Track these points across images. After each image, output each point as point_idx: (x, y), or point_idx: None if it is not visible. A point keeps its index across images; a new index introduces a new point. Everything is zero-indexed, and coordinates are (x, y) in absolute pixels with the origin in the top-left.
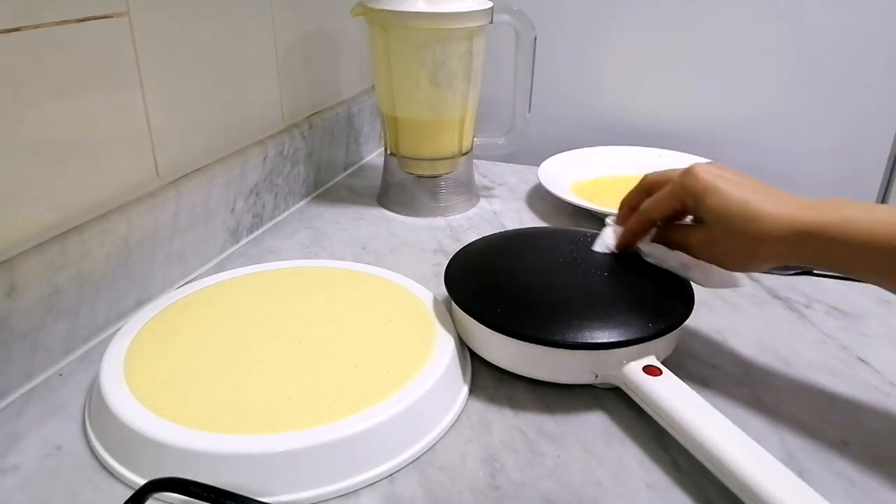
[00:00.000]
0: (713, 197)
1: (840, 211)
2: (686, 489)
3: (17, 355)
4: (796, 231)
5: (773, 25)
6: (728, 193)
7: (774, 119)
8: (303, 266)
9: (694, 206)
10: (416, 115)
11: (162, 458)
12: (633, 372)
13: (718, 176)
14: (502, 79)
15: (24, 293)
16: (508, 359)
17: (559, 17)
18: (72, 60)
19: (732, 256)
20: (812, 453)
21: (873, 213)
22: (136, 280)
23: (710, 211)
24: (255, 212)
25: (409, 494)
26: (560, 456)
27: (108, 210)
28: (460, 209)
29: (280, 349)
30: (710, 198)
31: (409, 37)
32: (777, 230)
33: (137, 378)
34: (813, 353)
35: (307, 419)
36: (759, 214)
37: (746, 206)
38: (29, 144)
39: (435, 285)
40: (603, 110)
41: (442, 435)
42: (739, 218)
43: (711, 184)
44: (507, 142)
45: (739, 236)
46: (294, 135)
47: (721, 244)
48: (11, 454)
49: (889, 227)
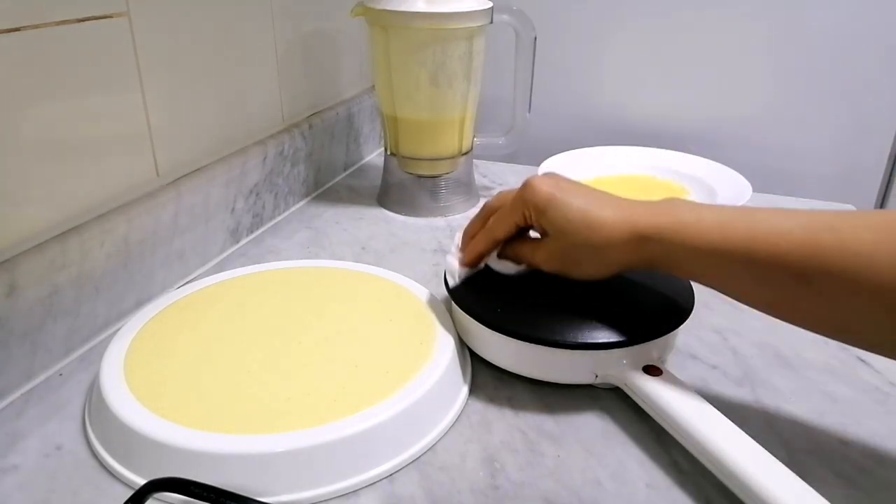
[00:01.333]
0: (553, 209)
1: (672, 213)
2: (686, 489)
3: (17, 355)
4: (636, 235)
5: (773, 25)
6: (568, 204)
7: (774, 119)
8: (303, 266)
9: (536, 219)
10: (416, 115)
11: (162, 458)
12: (633, 372)
13: (556, 187)
14: (502, 79)
15: (24, 293)
16: (508, 359)
17: (559, 17)
18: (72, 60)
19: (581, 266)
20: (812, 453)
21: (701, 213)
22: (136, 280)
23: (552, 223)
24: (255, 212)
25: (409, 494)
26: (560, 456)
27: (108, 210)
28: (460, 209)
29: (280, 349)
30: (550, 210)
31: (409, 37)
32: (619, 235)
33: (137, 378)
34: (813, 353)
35: (307, 419)
36: (600, 221)
37: (587, 214)
38: (29, 144)
39: (435, 285)
40: (603, 110)
41: (442, 435)
42: (582, 227)
43: (551, 195)
44: (507, 142)
45: (584, 246)
46: (294, 135)
47: (568, 255)
48: (11, 454)
49: (717, 227)
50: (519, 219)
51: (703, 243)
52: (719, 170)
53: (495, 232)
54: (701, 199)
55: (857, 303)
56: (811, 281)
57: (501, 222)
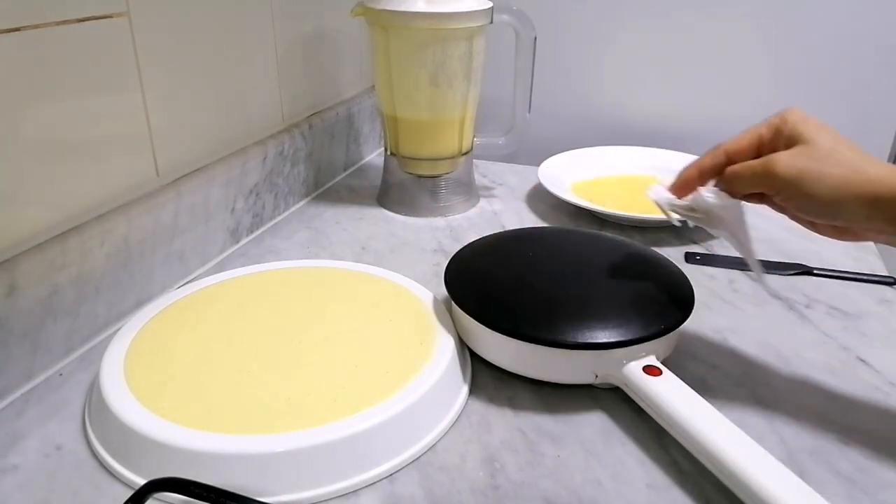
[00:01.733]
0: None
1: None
2: (686, 489)
3: (17, 355)
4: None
5: (773, 25)
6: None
7: None
8: (303, 266)
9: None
10: (416, 116)
11: (162, 458)
12: (633, 372)
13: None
14: (502, 79)
15: (24, 293)
16: (508, 359)
17: (559, 17)
18: (72, 60)
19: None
20: (812, 453)
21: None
22: (136, 280)
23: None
24: (255, 212)
25: (409, 494)
26: (560, 456)
27: (108, 210)
28: (460, 209)
29: (280, 349)
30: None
31: (409, 37)
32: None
33: (137, 378)
34: (813, 353)
35: (307, 419)
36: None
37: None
38: (29, 144)
39: (435, 285)
40: (603, 110)
41: (442, 435)
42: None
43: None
44: (507, 142)
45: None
46: (294, 135)
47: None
48: (11, 454)
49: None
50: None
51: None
52: None
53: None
54: None
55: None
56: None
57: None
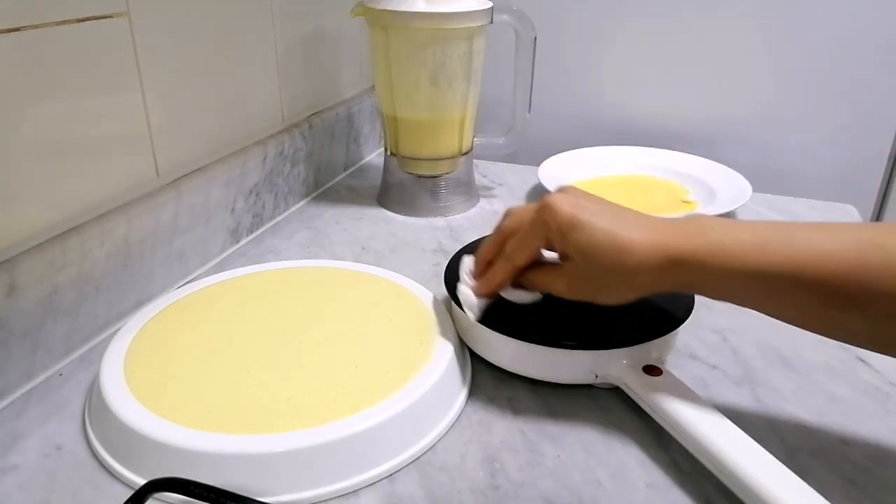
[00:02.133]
0: (577, 232)
1: (705, 234)
2: (686, 489)
3: (17, 355)
4: (668, 259)
5: (773, 25)
6: (592, 226)
7: (774, 118)
8: (303, 266)
9: (559, 242)
10: (416, 116)
11: (162, 458)
12: (633, 372)
13: (578, 206)
14: (502, 79)
15: (24, 293)
16: (508, 359)
17: (559, 17)
18: (72, 60)
19: (608, 291)
20: (812, 453)
21: (737, 234)
22: (136, 280)
23: (576, 247)
24: (255, 212)
25: (409, 494)
26: (560, 456)
27: (108, 210)
28: (460, 209)
29: (280, 349)
30: (574, 233)
31: (409, 37)
32: (649, 260)
33: (137, 378)
34: (813, 353)
35: (307, 419)
36: (629, 245)
37: (614, 237)
38: (29, 144)
39: (435, 285)
40: (603, 110)
41: (442, 435)
42: (610, 251)
43: (573, 216)
44: (507, 142)
45: (611, 271)
46: (294, 135)
47: (593, 281)
48: (11, 454)
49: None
50: (540, 243)
51: (742, 266)
52: (719, 170)
53: (515, 259)
54: (701, 199)
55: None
56: (861, 303)
57: (521, 248)
